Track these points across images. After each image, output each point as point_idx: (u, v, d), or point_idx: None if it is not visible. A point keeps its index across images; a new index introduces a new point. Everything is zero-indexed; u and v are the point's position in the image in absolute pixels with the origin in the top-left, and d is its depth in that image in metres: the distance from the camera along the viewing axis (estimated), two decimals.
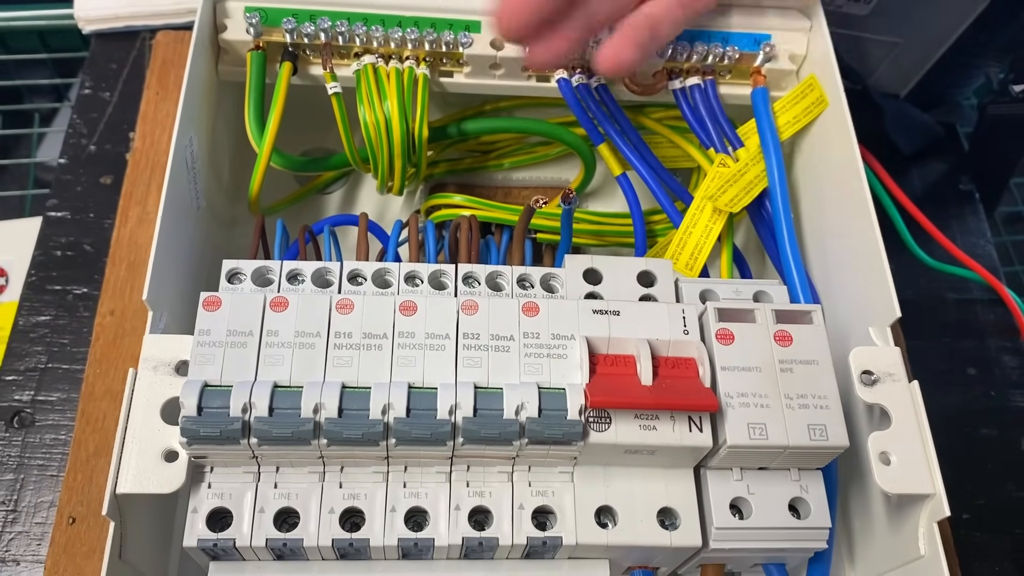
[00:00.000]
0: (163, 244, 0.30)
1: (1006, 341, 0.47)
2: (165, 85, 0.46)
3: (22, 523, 0.37)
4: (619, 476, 0.28)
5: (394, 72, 0.36)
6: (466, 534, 0.27)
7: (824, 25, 0.37)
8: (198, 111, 0.35)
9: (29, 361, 0.41)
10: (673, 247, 0.35)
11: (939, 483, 0.28)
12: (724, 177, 0.36)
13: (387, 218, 0.43)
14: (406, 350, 0.27)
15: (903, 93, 0.53)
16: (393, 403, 0.26)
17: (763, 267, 0.41)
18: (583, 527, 0.27)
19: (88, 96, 0.48)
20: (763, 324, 0.29)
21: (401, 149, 0.36)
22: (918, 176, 0.52)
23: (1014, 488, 0.43)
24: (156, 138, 0.45)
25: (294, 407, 0.26)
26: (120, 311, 0.40)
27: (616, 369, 0.28)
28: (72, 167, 0.46)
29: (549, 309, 0.29)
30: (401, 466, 0.27)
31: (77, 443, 0.37)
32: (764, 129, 0.36)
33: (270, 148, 0.35)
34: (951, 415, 0.45)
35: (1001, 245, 0.58)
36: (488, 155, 0.43)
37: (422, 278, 0.30)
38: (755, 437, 0.27)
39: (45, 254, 0.44)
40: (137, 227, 0.42)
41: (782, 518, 0.28)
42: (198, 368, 0.26)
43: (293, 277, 0.30)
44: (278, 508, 0.27)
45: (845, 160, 0.35)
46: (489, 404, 0.26)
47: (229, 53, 0.37)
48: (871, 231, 0.32)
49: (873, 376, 0.29)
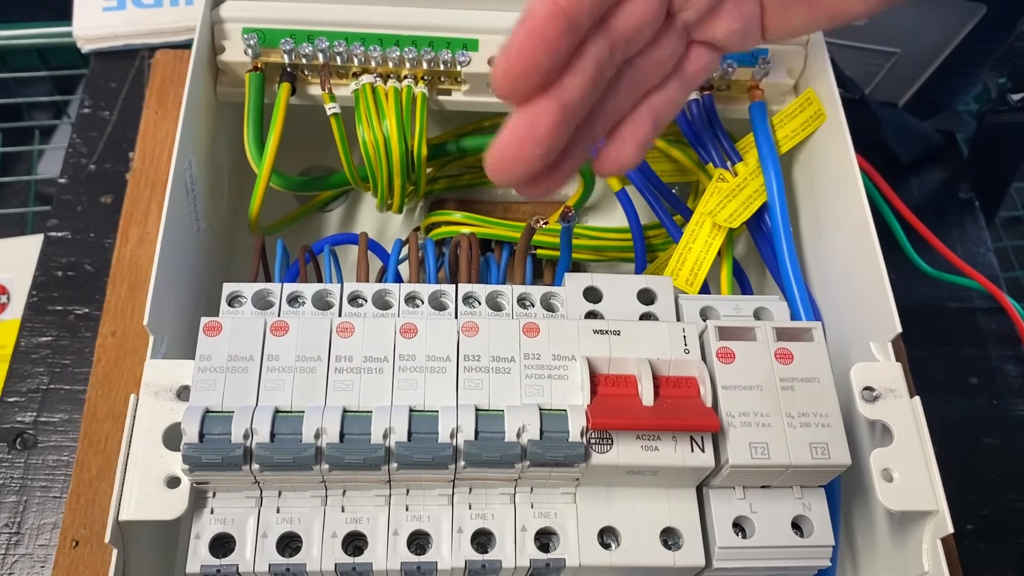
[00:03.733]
0: (163, 269, 0.30)
1: (1008, 350, 0.47)
2: (164, 104, 0.46)
3: (25, 545, 0.37)
4: (622, 496, 0.28)
5: (392, 91, 0.36)
6: (469, 557, 0.27)
7: (821, 39, 0.37)
8: (197, 133, 0.35)
9: (31, 382, 0.41)
10: (673, 262, 0.35)
11: (942, 500, 0.28)
12: (723, 192, 0.36)
13: (387, 235, 0.43)
14: (407, 373, 0.27)
15: (901, 102, 0.53)
16: (394, 427, 0.26)
17: (763, 280, 0.41)
18: (586, 548, 0.27)
19: (87, 115, 0.48)
20: (764, 342, 0.29)
21: (400, 168, 0.36)
22: (917, 185, 0.52)
23: (1017, 497, 0.43)
24: (156, 157, 0.45)
25: (295, 432, 0.26)
26: (121, 332, 0.40)
27: (617, 389, 0.28)
28: (72, 186, 0.46)
29: (549, 329, 0.29)
30: (403, 489, 0.27)
31: (80, 465, 0.37)
32: (762, 143, 0.36)
33: (269, 169, 0.35)
34: (953, 425, 0.45)
35: (1002, 250, 0.58)
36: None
37: (422, 299, 0.30)
38: (757, 456, 0.27)
39: (46, 274, 0.44)
40: (137, 247, 0.42)
41: (785, 536, 0.28)
42: (199, 394, 0.26)
43: (294, 299, 0.30)
44: (281, 533, 0.27)
45: (843, 176, 0.35)
46: (490, 427, 0.26)
47: (228, 74, 0.37)
48: (871, 246, 0.32)
49: (874, 392, 0.29)
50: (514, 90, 0.26)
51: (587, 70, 0.27)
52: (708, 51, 0.31)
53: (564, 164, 0.28)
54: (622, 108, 0.30)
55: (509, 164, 0.26)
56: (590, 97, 0.28)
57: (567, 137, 0.27)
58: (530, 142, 0.26)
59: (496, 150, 0.26)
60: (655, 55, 0.30)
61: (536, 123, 0.26)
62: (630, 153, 0.30)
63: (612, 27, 0.28)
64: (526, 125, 0.26)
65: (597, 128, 0.29)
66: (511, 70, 0.26)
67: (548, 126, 0.26)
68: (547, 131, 0.26)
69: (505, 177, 0.27)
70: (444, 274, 0.35)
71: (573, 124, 0.27)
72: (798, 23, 0.31)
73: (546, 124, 0.26)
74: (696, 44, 0.31)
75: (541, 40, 0.26)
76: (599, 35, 0.27)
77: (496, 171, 0.27)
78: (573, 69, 0.27)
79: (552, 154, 0.27)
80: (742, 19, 0.30)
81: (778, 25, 0.31)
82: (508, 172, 0.27)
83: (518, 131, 0.26)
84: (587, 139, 0.29)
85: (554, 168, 0.28)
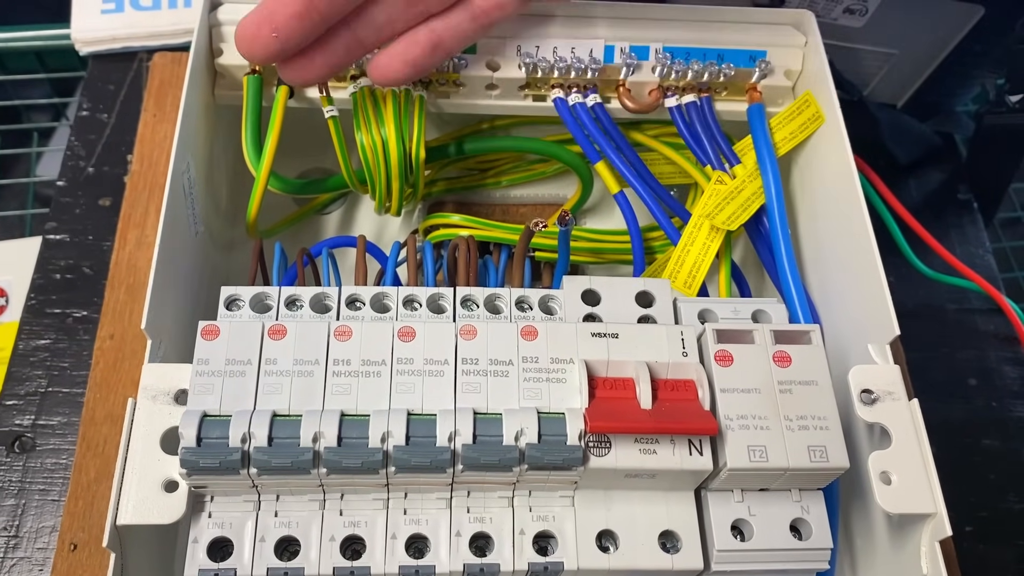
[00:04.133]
0: (161, 272, 0.30)
1: (1006, 351, 0.47)
2: (162, 107, 0.46)
3: (24, 549, 0.37)
4: (620, 500, 0.28)
5: (390, 94, 0.36)
6: (467, 560, 0.27)
7: (819, 41, 0.37)
8: (195, 137, 0.35)
9: (29, 385, 0.41)
10: (671, 265, 0.35)
11: (940, 502, 0.28)
12: (721, 194, 0.36)
13: (385, 237, 0.43)
14: (405, 376, 0.27)
15: (900, 103, 0.53)
16: (392, 431, 0.26)
17: (762, 282, 0.41)
18: (584, 551, 0.27)
19: (86, 118, 0.48)
20: (762, 345, 0.29)
21: (398, 171, 0.36)
22: (915, 186, 0.52)
23: (1016, 499, 0.43)
24: (154, 160, 0.45)
25: (293, 436, 0.26)
26: (120, 335, 0.40)
27: (615, 393, 0.28)
28: (71, 189, 0.46)
29: (548, 333, 0.29)
30: (401, 493, 0.27)
31: (78, 468, 0.37)
32: (760, 146, 0.36)
33: (267, 172, 0.35)
34: (952, 427, 0.45)
35: (1000, 251, 0.58)
36: (486, 173, 0.43)
37: (420, 302, 0.30)
38: (755, 460, 0.27)
39: (44, 277, 0.44)
40: (136, 250, 0.42)
41: (784, 539, 0.28)
42: (197, 398, 0.26)
43: (291, 303, 0.30)
44: (279, 537, 0.27)
45: (842, 178, 0.35)
46: (488, 430, 0.26)
47: (226, 77, 0.37)
48: (869, 248, 0.32)
49: (873, 395, 0.29)
50: None
51: None
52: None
53: (319, 56, 0.31)
54: (396, 24, 0.32)
55: (248, 39, 0.30)
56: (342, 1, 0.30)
57: (312, 31, 0.30)
58: (269, 25, 0.29)
59: (241, 24, 0.30)
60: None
61: (277, 9, 0.29)
62: (398, 66, 0.32)
63: None
64: (269, 8, 0.29)
65: (364, 34, 0.32)
66: None
67: (288, 15, 0.29)
68: (286, 19, 0.29)
69: (244, 51, 0.30)
70: (442, 277, 0.35)
71: (320, 21, 0.30)
72: None
73: (286, 12, 0.29)
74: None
75: None
76: None
77: (237, 43, 0.30)
78: None
79: (292, 42, 0.30)
80: None
81: None
82: (246, 47, 0.30)
83: (262, 11, 0.30)
84: (350, 41, 0.32)
85: (307, 57, 0.31)
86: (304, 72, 0.32)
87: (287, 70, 0.32)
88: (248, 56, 0.31)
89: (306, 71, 0.32)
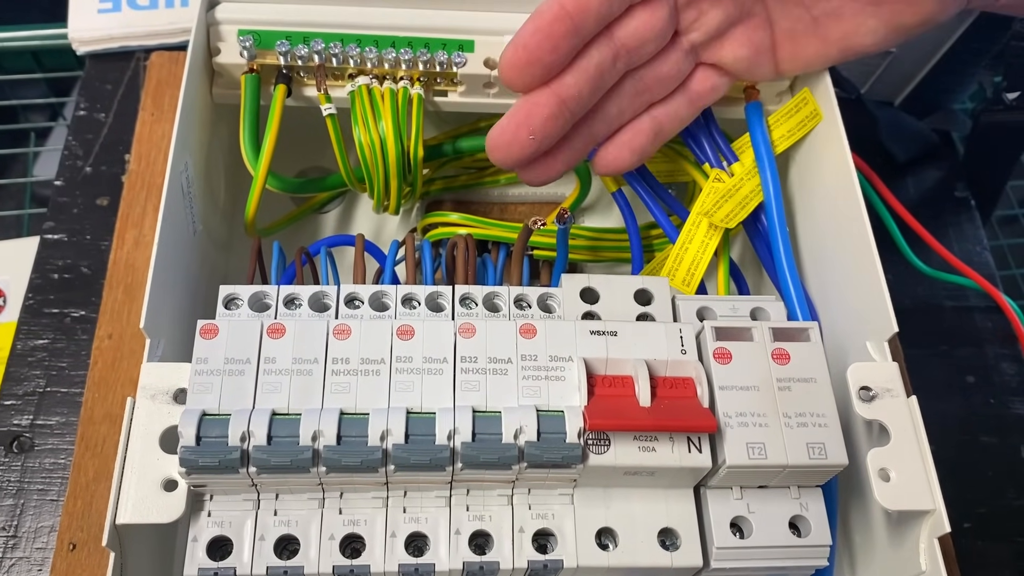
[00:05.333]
0: (159, 271, 0.30)
1: (1004, 348, 0.47)
2: (160, 106, 0.46)
3: (23, 549, 0.37)
4: (619, 497, 0.28)
5: (388, 92, 0.36)
6: (467, 558, 0.27)
7: None
8: (193, 135, 0.35)
9: (28, 385, 0.41)
10: (670, 263, 0.35)
11: (939, 499, 0.28)
12: (719, 192, 0.36)
13: (384, 236, 0.43)
14: (404, 375, 0.27)
15: (897, 101, 0.53)
16: (391, 429, 0.26)
17: (760, 279, 0.41)
18: (584, 549, 0.27)
19: (83, 117, 0.48)
20: (760, 342, 0.29)
21: (396, 169, 0.36)
22: (913, 184, 0.52)
23: (1014, 496, 0.43)
24: (152, 159, 0.45)
25: (292, 435, 0.26)
26: (118, 334, 0.40)
27: (614, 390, 0.28)
28: (68, 189, 0.46)
29: (546, 331, 0.29)
30: (401, 491, 0.27)
31: (76, 468, 0.37)
32: (758, 143, 0.36)
33: (265, 171, 0.35)
34: (950, 423, 0.45)
35: (998, 248, 0.58)
36: (484, 171, 0.43)
37: (419, 300, 0.30)
38: (754, 457, 0.27)
39: (42, 277, 0.44)
40: (134, 249, 0.42)
41: (783, 536, 0.28)
42: (196, 397, 0.26)
43: (290, 302, 0.30)
44: (278, 535, 0.27)
45: (840, 176, 0.35)
46: (487, 428, 0.26)
47: (223, 76, 0.37)
48: (867, 246, 0.32)
49: (871, 392, 0.29)
50: (517, 80, 0.29)
51: (588, 71, 0.30)
52: (716, 73, 0.33)
53: (561, 154, 0.31)
54: (625, 114, 0.32)
55: (505, 145, 0.29)
56: (589, 97, 0.30)
57: (563, 129, 0.30)
58: (526, 128, 0.29)
59: (495, 131, 0.30)
60: (660, 69, 0.32)
61: (533, 112, 0.29)
62: (626, 156, 0.32)
63: (616, 37, 0.30)
64: (524, 112, 0.29)
65: (598, 128, 0.32)
66: (516, 61, 0.28)
67: (544, 116, 0.29)
68: (542, 120, 0.29)
69: (500, 156, 0.30)
70: (441, 275, 0.35)
71: (570, 119, 0.30)
72: (810, 56, 0.33)
73: (542, 114, 0.29)
74: (704, 65, 0.33)
75: (546, 38, 0.28)
76: (603, 42, 0.30)
77: (493, 150, 0.30)
78: (574, 69, 0.29)
79: (546, 142, 0.30)
80: (751, 46, 0.32)
81: (791, 57, 0.33)
82: (503, 152, 0.30)
83: (516, 116, 0.29)
84: (587, 137, 0.32)
85: (552, 156, 0.31)
86: (548, 171, 0.31)
87: (531, 171, 0.31)
88: (503, 161, 0.30)
89: (551, 169, 0.31)
